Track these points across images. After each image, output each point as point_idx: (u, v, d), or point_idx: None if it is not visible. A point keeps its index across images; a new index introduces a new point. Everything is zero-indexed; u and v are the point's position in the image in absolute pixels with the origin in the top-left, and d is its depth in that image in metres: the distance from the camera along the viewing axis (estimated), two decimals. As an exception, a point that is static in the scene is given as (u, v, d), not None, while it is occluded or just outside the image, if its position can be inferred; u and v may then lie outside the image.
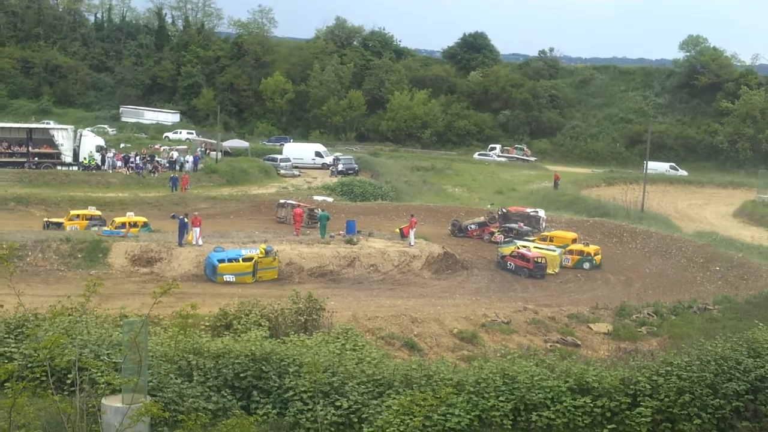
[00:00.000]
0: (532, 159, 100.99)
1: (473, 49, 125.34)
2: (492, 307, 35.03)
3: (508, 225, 51.58)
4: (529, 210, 56.38)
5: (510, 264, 43.33)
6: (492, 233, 50.15)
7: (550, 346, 30.08)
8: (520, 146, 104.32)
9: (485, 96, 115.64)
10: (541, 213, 55.43)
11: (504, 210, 56.30)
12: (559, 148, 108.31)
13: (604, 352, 29.46)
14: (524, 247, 44.30)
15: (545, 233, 49.70)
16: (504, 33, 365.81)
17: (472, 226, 51.85)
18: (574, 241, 48.23)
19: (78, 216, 45.11)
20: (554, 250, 45.02)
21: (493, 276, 42.80)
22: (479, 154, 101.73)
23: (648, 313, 35.52)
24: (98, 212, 46.58)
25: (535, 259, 42.55)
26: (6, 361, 14.17)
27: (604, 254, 47.71)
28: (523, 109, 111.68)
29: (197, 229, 40.74)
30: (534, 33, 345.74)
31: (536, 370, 16.03)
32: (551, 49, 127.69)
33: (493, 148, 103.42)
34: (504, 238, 48.23)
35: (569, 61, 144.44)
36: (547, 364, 17.20)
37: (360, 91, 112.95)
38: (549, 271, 43.11)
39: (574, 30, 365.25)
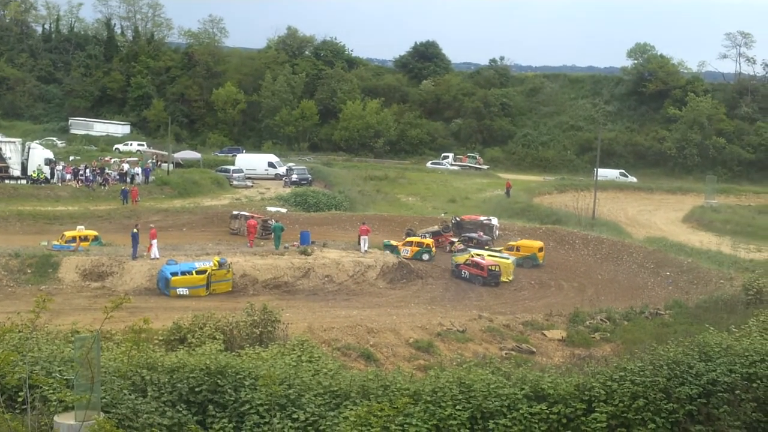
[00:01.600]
0: (485, 167, 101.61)
1: (425, 58, 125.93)
2: (447, 316, 35.16)
3: (468, 235, 51.72)
4: (482, 218, 56.73)
5: (464, 272, 43.52)
6: (452, 243, 49.92)
7: (506, 353, 30.27)
8: (472, 155, 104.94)
9: (437, 105, 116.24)
10: (495, 221, 55.83)
11: (457, 218, 56.60)
12: (511, 156, 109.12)
13: (559, 359, 29.75)
14: (478, 255, 44.53)
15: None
16: (455, 42, 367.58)
17: (426, 235, 51.94)
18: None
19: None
20: (508, 258, 45.32)
21: (448, 285, 42.95)
22: (432, 163, 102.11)
23: (601, 319, 35.92)
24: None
25: (490, 267, 42.79)
26: (-47, 380, 13.81)
27: (556, 261, 48.16)
28: (474, 117, 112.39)
29: (155, 241, 40.34)
30: (485, 42, 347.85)
31: (492, 378, 16.06)
32: (502, 58, 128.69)
33: (446, 157, 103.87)
34: (462, 248, 48.35)
35: (520, 70, 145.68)
36: (503, 372, 17.27)
37: (312, 101, 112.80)
38: (503, 278, 43.39)
39: (524, 39, 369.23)
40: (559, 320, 35.81)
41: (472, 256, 44.23)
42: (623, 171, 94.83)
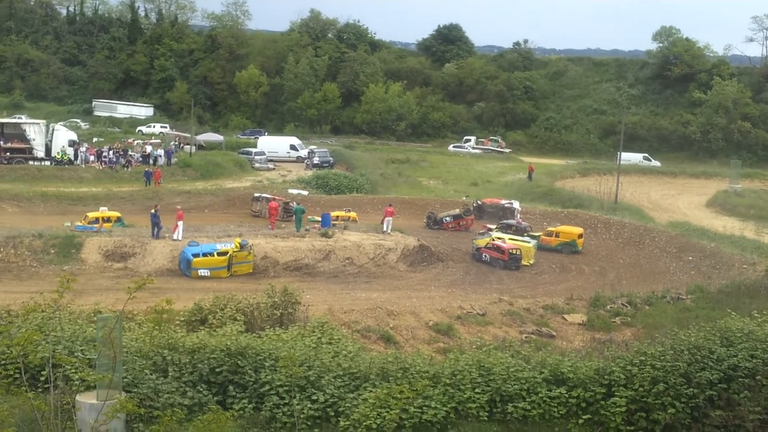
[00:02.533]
0: (507, 151, 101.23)
1: (448, 41, 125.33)
2: (467, 299, 35.15)
3: (506, 221, 51.11)
4: (503, 201, 56.66)
5: (485, 256, 43.46)
6: (489, 229, 48.42)
7: (526, 337, 30.25)
8: (494, 138, 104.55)
9: (460, 88, 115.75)
10: (516, 204, 55.68)
11: (479, 202, 56.53)
12: (533, 140, 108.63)
13: (579, 343, 29.68)
14: (499, 238, 44.44)
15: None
16: (479, 25, 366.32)
17: (448, 219, 51.88)
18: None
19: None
20: (529, 242, 45.19)
21: (469, 268, 42.91)
22: (454, 146, 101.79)
23: (622, 304, 35.77)
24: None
25: (510, 251, 42.69)
26: (-22, 358, 14.00)
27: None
28: (497, 100, 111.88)
29: (181, 223, 40.53)
30: (508, 25, 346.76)
31: (512, 362, 16.10)
32: (525, 41, 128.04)
33: (468, 140, 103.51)
34: (484, 231, 48.07)
35: (543, 53, 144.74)
36: (523, 356, 17.31)
37: (335, 84, 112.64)
38: (524, 262, 43.29)
39: (548, 22, 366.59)
40: (580, 304, 35.70)
41: (493, 240, 44.16)
42: (647, 155, 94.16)
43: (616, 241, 51.11)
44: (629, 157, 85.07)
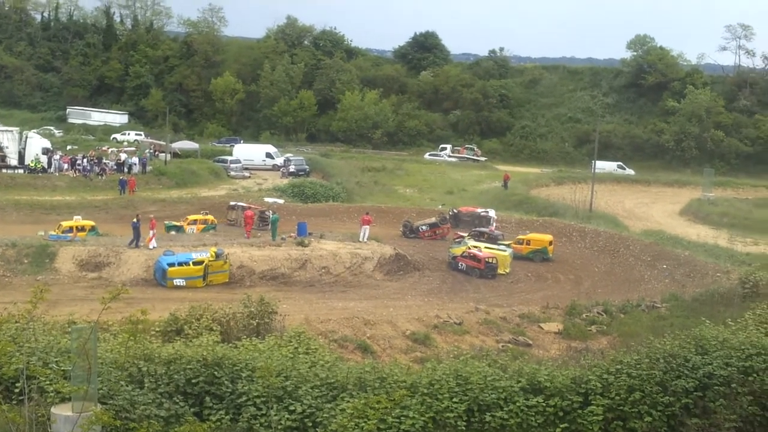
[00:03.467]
0: (483, 159, 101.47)
1: (424, 48, 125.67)
2: (444, 308, 35.20)
3: (479, 229, 51.28)
4: (479, 210, 56.83)
5: (461, 264, 43.54)
6: (461, 237, 48.65)
7: (502, 346, 30.31)
8: (470, 146, 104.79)
9: (436, 96, 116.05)
10: (492, 213, 55.86)
11: (455, 210, 56.67)
12: (509, 148, 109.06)
13: (556, 352, 29.79)
14: (475, 247, 44.54)
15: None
16: (454, 33, 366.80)
17: (424, 227, 51.94)
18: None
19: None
20: (505, 250, 45.32)
21: (445, 277, 42.98)
22: (430, 155, 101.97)
23: (598, 312, 35.97)
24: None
25: (486, 260, 42.78)
26: (-50, 371, 13.83)
27: (554, 253, 48.28)
28: (473, 109, 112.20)
29: (152, 232, 40.35)
30: (484, 33, 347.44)
31: (489, 371, 16.09)
32: (501, 49, 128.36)
33: (444, 149, 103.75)
34: (459, 240, 48.20)
35: (519, 61, 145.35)
36: (500, 365, 17.29)
37: (311, 92, 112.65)
38: (500, 271, 43.40)
39: (523, 30, 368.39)
40: (556, 313, 35.85)
41: (469, 248, 44.25)
42: (621, 163, 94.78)
43: (591, 249, 51.37)
44: (604, 166, 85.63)
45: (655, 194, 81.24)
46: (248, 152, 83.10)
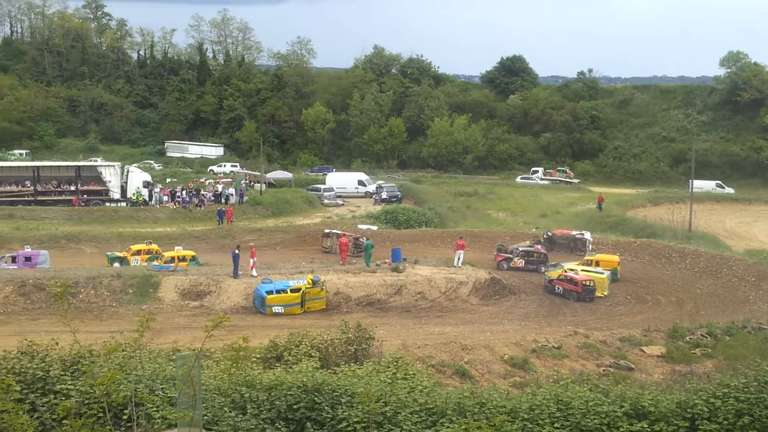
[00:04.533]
0: (576, 181, 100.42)
1: (511, 72, 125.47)
2: (542, 332, 34.76)
3: (524, 249, 50.64)
4: (574, 232, 56.11)
5: (558, 288, 42.98)
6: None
7: (603, 370, 29.72)
8: (562, 168, 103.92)
9: (525, 119, 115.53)
10: (587, 235, 55.07)
11: (549, 233, 56.05)
12: (602, 169, 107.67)
13: (659, 376, 29.06)
14: (572, 270, 43.94)
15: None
16: (542, 55, 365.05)
17: (518, 251, 51.49)
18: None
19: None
20: (602, 273, 44.57)
21: (542, 300, 42.46)
22: (522, 178, 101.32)
23: (701, 335, 34.94)
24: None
25: (584, 282, 42.16)
26: (63, 398, 14.32)
27: (653, 275, 47.17)
28: (564, 131, 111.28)
29: (254, 260, 41.15)
30: (572, 54, 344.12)
31: (591, 396, 15.80)
32: (590, 70, 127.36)
33: (536, 171, 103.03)
34: (555, 263, 47.70)
35: (609, 82, 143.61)
36: (602, 389, 16.97)
37: (400, 119, 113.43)
38: (598, 294, 42.68)
39: (612, 50, 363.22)
40: (658, 336, 35.00)
41: (566, 271, 43.68)
42: (719, 182, 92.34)
43: (692, 270, 50.02)
44: (701, 185, 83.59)
45: (757, 213, 78.75)
46: (341, 180, 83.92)
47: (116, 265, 44.26)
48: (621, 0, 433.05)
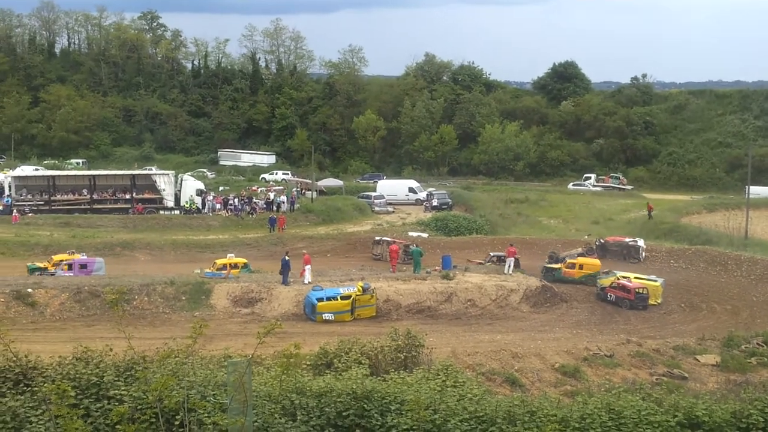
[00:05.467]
0: (629, 187, 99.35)
1: (564, 78, 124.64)
2: (594, 340, 34.40)
3: (496, 254, 50.08)
4: (627, 240, 55.45)
5: (610, 295, 42.53)
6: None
7: (657, 379, 29.31)
8: (615, 175, 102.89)
9: (578, 125, 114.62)
10: (641, 242, 54.42)
11: (602, 240, 55.48)
12: (656, 176, 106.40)
13: (713, 385, 28.60)
14: (624, 277, 43.45)
15: (571, 260, 48.22)
16: (595, 61, 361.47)
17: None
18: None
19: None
20: (656, 280, 44.00)
21: (593, 308, 42.05)
22: (574, 185, 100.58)
23: (758, 343, 34.27)
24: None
25: (636, 290, 41.67)
26: (117, 403, 14.55)
27: (707, 283, 46.44)
28: (617, 137, 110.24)
29: (308, 267, 41.39)
30: (625, 60, 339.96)
31: (643, 405, 15.61)
32: (644, 75, 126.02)
33: (588, 178, 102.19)
34: (608, 271, 47.08)
35: (663, 87, 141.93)
36: (654, 398, 16.76)
37: (451, 126, 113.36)
38: (651, 301, 42.13)
39: (666, 55, 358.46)
40: (712, 344, 34.41)
41: (618, 279, 43.20)
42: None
43: (748, 278, 49.11)
44: (759, 191, 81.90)
45: (816, 219, 76.97)
46: (391, 188, 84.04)
47: (37, 275, 42.98)
48: (675, 5, 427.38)
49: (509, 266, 44.88)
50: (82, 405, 13.63)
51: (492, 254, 50.52)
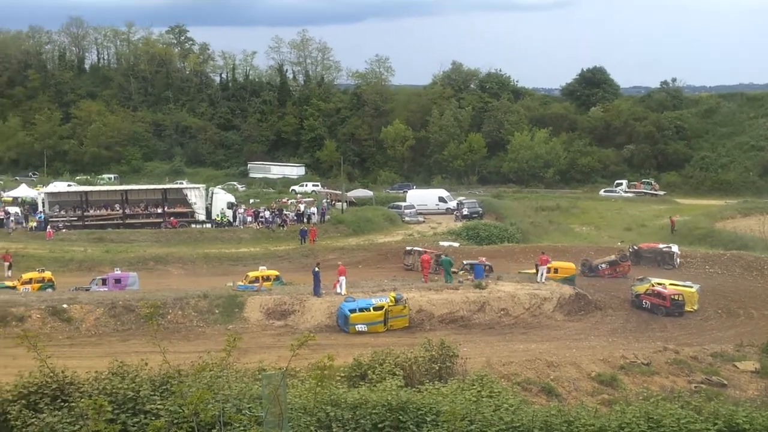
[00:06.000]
0: (661, 193, 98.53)
1: (592, 84, 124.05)
2: (630, 348, 34.04)
3: (469, 262, 49.61)
4: (661, 246, 54.90)
5: (645, 302, 42.08)
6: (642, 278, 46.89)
7: (695, 387, 28.95)
8: (647, 180, 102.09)
9: (607, 131, 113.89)
10: (675, 248, 53.86)
11: (635, 247, 54.99)
12: (688, 180, 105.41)
13: (753, 392, 28.21)
14: (659, 284, 43.00)
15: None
16: (623, 66, 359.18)
17: (603, 265, 50.63)
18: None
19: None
20: (692, 287, 43.50)
21: (629, 316, 41.61)
22: (605, 191, 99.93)
23: (798, 349, 33.76)
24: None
25: (672, 297, 41.21)
26: (153, 418, 14.58)
27: (744, 288, 45.81)
28: (648, 142, 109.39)
29: (343, 278, 41.40)
30: (654, 64, 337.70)
31: (682, 413, 15.39)
32: (674, 80, 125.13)
33: (620, 184, 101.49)
34: (642, 278, 46.63)
35: (693, 91, 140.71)
36: (694, 406, 16.52)
37: (480, 134, 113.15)
38: (687, 308, 41.64)
39: (696, 59, 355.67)
40: (752, 351, 33.92)
41: (653, 286, 42.76)
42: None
43: (787, 283, 48.45)
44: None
45: None
46: (421, 197, 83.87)
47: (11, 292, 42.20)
48: (704, 7, 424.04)
49: (542, 274, 44.57)
50: (119, 420, 13.66)
51: (465, 263, 50.00)
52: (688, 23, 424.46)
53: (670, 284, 43.33)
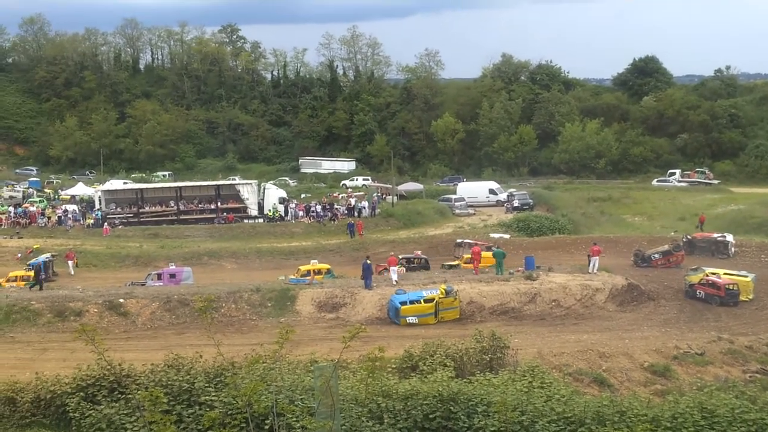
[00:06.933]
0: (715, 182, 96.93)
1: (644, 73, 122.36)
2: (683, 338, 33.68)
3: (406, 257, 49.21)
4: (716, 235, 54.10)
5: (699, 292, 41.54)
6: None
7: (750, 376, 28.57)
8: (701, 170, 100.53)
9: (660, 121, 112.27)
10: (729, 238, 53.04)
11: (689, 237, 54.29)
12: (743, 169, 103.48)
13: (810, 382, 27.69)
14: (714, 274, 42.42)
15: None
16: (676, 55, 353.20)
17: (656, 255, 50.06)
18: None
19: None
20: (747, 276, 42.84)
21: (682, 306, 41.10)
22: (658, 181, 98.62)
23: None
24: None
25: (727, 286, 40.64)
26: (208, 409, 14.87)
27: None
28: (701, 131, 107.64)
29: (394, 268, 41.58)
30: (708, 52, 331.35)
31: (737, 403, 15.27)
32: (728, 67, 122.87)
33: (673, 174, 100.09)
34: (695, 267, 46.05)
35: (748, 78, 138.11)
36: (748, 396, 16.38)
37: (530, 126, 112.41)
38: (742, 297, 41.02)
39: (750, 46, 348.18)
40: (809, 341, 33.37)
41: (707, 275, 42.20)
42: None
43: None
44: None
45: None
46: (472, 190, 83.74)
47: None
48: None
49: (593, 265, 44.25)
50: (174, 411, 13.98)
51: (401, 257, 49.19)
52: (743, 9, 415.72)
53: (725, 274, 42.73)
